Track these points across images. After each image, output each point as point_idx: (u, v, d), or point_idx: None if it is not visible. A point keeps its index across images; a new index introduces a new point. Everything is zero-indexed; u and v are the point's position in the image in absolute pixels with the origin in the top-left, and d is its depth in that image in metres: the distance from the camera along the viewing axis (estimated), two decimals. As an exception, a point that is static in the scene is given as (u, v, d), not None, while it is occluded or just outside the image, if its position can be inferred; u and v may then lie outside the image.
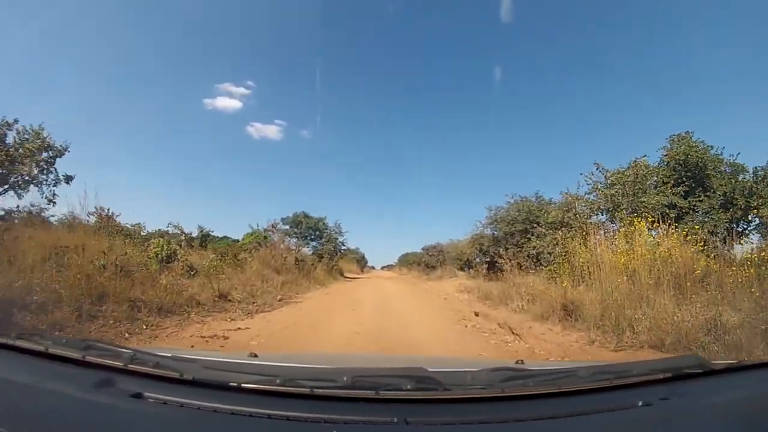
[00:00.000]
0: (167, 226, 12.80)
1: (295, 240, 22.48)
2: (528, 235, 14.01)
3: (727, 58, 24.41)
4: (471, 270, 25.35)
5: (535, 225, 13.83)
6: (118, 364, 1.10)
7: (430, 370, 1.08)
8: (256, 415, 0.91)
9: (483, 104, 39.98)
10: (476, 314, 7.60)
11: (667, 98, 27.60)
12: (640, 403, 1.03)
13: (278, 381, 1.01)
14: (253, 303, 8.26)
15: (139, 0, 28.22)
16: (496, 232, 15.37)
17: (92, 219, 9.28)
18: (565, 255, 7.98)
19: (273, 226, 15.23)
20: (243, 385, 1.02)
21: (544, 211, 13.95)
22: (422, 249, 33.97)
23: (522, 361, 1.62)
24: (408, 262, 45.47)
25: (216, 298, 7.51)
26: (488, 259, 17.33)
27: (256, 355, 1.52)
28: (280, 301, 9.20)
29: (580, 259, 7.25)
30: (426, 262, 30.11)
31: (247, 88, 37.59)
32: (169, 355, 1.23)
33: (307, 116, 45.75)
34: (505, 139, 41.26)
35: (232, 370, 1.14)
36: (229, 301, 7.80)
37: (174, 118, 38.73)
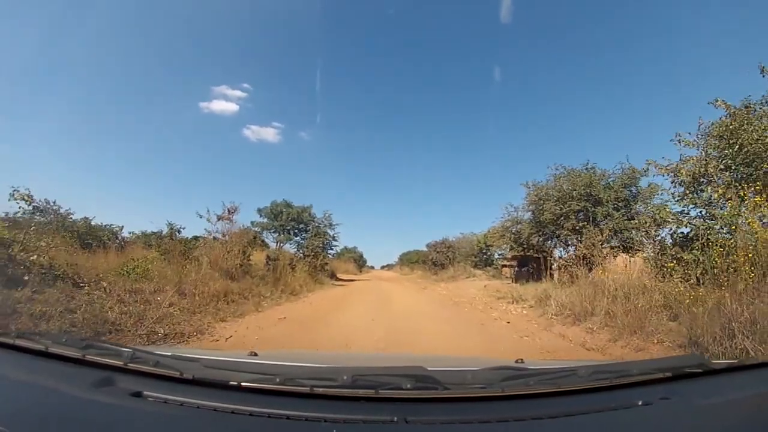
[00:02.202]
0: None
1: (275, 234, 18.38)
2: (582, 216, 10.06)
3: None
4: (489, 267, 21.55)
5: (596, 203, 9.88)
6: (118, 362, 1.20)
7: (430, 369, 1.18)
8: (256, 414, 1.00)
9: (484, 103, 41.63)
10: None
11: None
12: (640, 403, 1.12)
13: (278, 380, 1.10)
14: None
15: (133, 2, 28.52)
16: (540, 216, 11.28)
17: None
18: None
19: (230, 212, 11.13)
20: (243, 384, 1.11)
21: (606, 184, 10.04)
22: (427, 246, 30.50)
23: (522, 360, 1.69)
24: (410, 260, 42.58)
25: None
26: (523, 253, 13.33)
27: (256, 354, 1.63)
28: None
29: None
30: (433, 259, 26.38)
31: (243, 91, 35.06)
32: (169, 353, 1.36)
33: (306, 118, 47.15)
34: (507, 138, 42.32)
35: (232, 369, 1.24)
36: None
37: (169, 121, 39.19)
